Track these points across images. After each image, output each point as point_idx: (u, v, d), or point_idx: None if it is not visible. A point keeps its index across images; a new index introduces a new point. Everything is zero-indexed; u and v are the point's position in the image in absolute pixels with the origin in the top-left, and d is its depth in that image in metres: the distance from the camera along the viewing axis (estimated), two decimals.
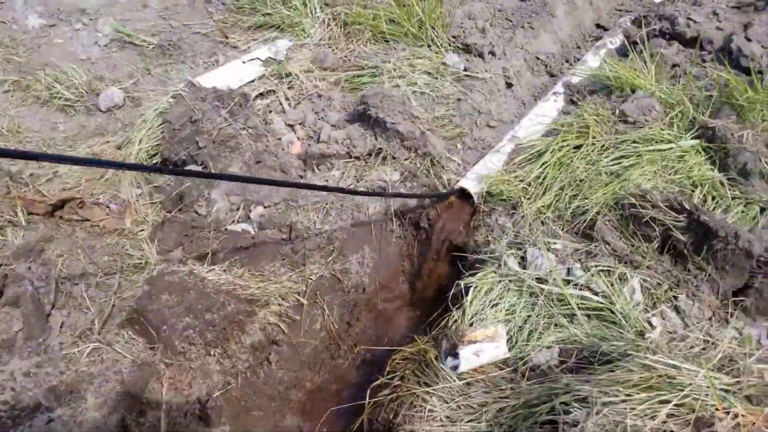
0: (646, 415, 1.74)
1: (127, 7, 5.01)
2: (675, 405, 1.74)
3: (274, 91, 3.83)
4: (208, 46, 4.51)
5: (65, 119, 3.72)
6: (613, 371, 1.91)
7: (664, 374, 1.82)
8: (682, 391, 1.76)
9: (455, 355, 2.27)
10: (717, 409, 1.73)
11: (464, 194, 3.14)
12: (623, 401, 1.77)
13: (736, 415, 1.72)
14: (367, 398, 2.33)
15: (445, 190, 3.20)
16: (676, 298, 2.50)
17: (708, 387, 1.76)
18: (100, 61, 4.28)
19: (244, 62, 3.89)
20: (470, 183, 3.12)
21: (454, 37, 4.21)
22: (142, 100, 3.77)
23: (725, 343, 1.97)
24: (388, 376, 2.37)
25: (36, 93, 3.81)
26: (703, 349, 2.05)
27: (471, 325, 2.45)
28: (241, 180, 2.86)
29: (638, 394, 1.78)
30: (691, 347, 2.06)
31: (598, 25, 5.29)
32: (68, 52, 4.29)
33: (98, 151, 3.36)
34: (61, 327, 2.33)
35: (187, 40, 4.55)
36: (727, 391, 1.80)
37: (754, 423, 1.74)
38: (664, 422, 1.73)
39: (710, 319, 2.45)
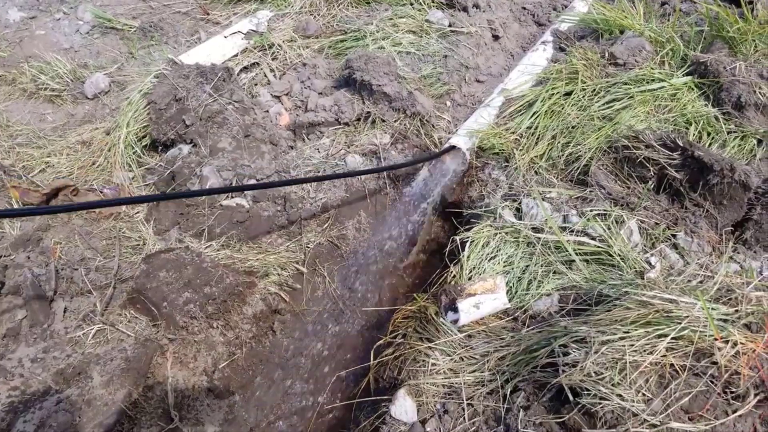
0: (644, 351, 1.74)
1: None
2: (673, 338, 1.75)
3: (258, 63, 3.79)
4: (190, 24, 4.46)
5: (53, 109, 3.70)
6: (610, 311, 1.91)
7: (661, 309, 1.82)
8: (680, 324, 1.76)
9: (455, 309, 2.28)
10: (716, 338, 1.74)
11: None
12: (621, 339, 1.78)
13: (735, 344, 1.73)
14: (371, 359, 2.35)
15: (436, 150, 3.17)
16: (674, 236, 2.48)
17: (706, 318, 1.76)
18: (83, 48, 4.24)
19: (225, 37, 3.84)
20: (461, 140, 3.09)
21: None
22: (127, 84, 3.74)
23: (721, 274, 1.97)
24: (391, 336, 2.39)
25: (22, 86, 3.79)
26: (701, 282, 2.04)
27: (470, 279, 2.45)
28: (265, 186, 2.90)
29: (636, 330, 1.79)
30: (689, 281, 2.05)
31: None
32: (51, 43, 4.25)
33: (88, 138, 3.35)
34: (64, 312, 2.36)
35: (168, 20, 4.49)
36: (725, 320, 1.80)
37: (754, 350, 1.75)
38: (664, 356, 1.73)
39: (710, 254, 2.44)
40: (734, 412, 1.66)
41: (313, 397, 2.58)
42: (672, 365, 1.72)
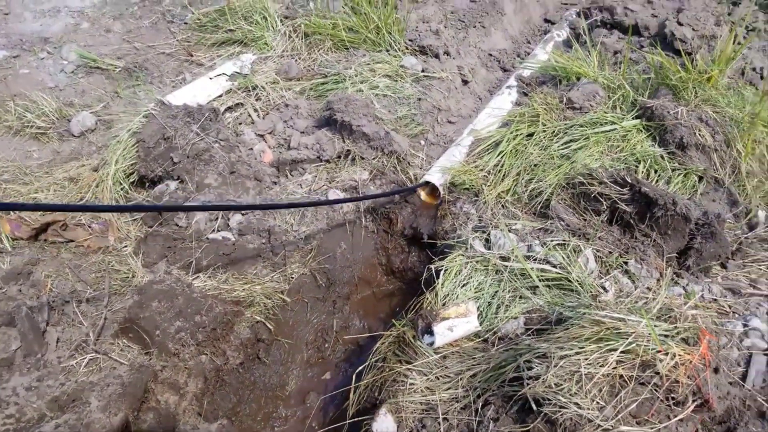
0: (597, 363, 1.97)
1: (90, 33, 5.13)
2: (622, 352, 1.98)
3: (242, 103, 4.01)
4: (174, 65, 4.66)
5: (39, 147, 3.83)
6: (568, 329, 2.14)
7: (611, 327, 2.05)
8: (627, 339, 1.99)
9: (431, 333, 2.47)
10: (658, 351, 1.97)
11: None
12: (577, 353, 2.00)
13: (674, 356, 1.97)
14: (353, 382, 2.51)
15: (411, 185, 3.41)
16: (626, 263, 2.74)
17: (650, 334, 2.00)
18: (68, 87, 4.39)
19: (211, 78, 4.05)
20: (435, 176, 3.34)
21: (410, 40, 4.44)
22: (113, 123, 3.90)
23: (662, 296, 2.22)
24: (371, 359, 2.56)
25: (7, 123, 3.91)
26: (645, 302, 2.29)
27: (444, 304, 2.66)
28: (249, 208, 3.10)
29: (590, 346, 2.01)
30: (635, 302, 2.30)
31: (546, 20, 5.60)
32: (36, 81, 4.39)
33: (75, 175, 3.48)
34: (57, 342, 2.46)
35: (153, 61, 4.69)
36: (666, 335, 2.04)
37: (691, 361, 1.99)
38: (614, 368, 1.96)
39: (658, 279, 2.70)
40: (676, 416, 1.89)
41: (299, 421, 2.72)
42: (621, 376, 1.95)
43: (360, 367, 2.57)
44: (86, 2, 5.70)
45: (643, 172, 3.19)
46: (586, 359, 1.96)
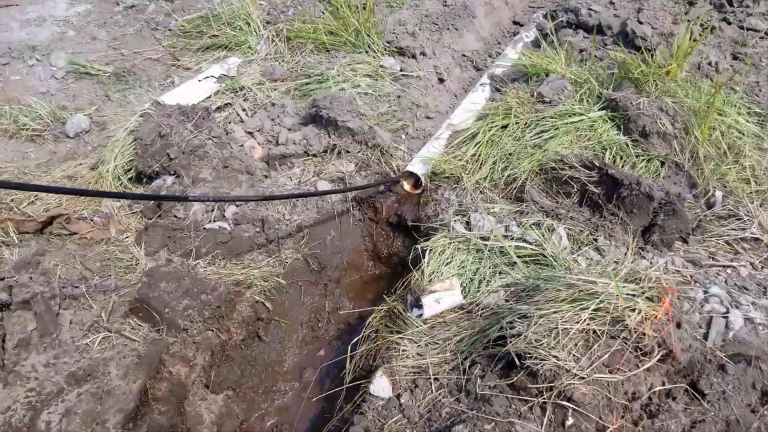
0: (573, 320, 2.19)
1: (76, 40, 5.26)
2: (594, 310, 2.21)
3: (230, 104, 4.18)
4: (162, 69, 4.82)
5: (35, 148, 3.95)
6: (545, 293, 2.37)
7: (584, 289, 2.29)
8: (598, 298, 2.23)
9: (419, 306, 2.68)
10: (625, 308, 2.21)
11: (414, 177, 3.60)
12: (554, 312, 2.23)
13: (640, 312, 2.21)
14: (349, 352, 2.71)
15: (394, 176, 3.63)
16: (596, 240, 2.99)
17: (617, 294, 2.24)
18: (59, 92, 4.52)
19: (199, 80, 4.22)
20: (417, 166, 3.56)
21: (388, 42, 4.67)
22: (107, 124, 4.05)
23: (628, 260, 2.47)
24: (365, 332, 2.76)
25: (3, 127, 4.02)
26: (614, 269, 2.54)
27: (430, 281, 2.87)
28: (244, 199, 3.28)
29: (565, 305, 2.24)
30: (605, 269, 2.54)
31: (514, 22, 5.89)
32: (27, 87, 4.50)
33: (73, 173, 3.62)
34: (70, 323, 2.60)
35: (140, 66, 4.84)
36: (633, 295, 2.28)
37: (656, 316, 2.23)
38: (588, 324, 2.19)
39: (625, 254, 2.96)
40: (643, 365, 2.13)
41: (296, 393, 2.90)
42: (594, 330, 2.18)
43: (354, 340, 2.76)
44: (71, 11, 5.83)
45: (609, 158, 3.46)
46: (563, 317, 2.19)
